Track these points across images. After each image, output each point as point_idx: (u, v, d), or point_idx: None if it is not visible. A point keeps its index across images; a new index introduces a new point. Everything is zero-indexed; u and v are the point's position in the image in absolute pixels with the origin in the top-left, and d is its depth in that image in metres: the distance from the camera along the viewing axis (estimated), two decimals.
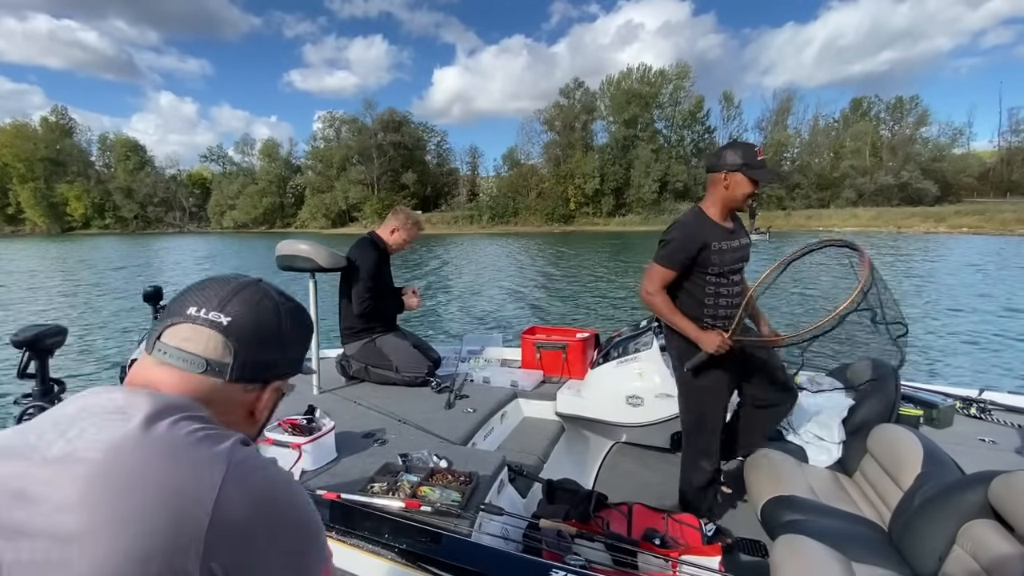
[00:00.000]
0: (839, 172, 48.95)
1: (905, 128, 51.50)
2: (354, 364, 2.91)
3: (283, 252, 2.71)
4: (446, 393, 2.69)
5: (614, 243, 28.99)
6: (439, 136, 65.64)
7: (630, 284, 13.52)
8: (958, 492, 1.37)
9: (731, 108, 55.36)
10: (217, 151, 71.35)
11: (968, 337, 7.60)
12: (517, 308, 10.48)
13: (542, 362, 3.18)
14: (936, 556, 1.33)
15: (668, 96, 50.48)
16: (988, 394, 2.76)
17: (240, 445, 0.59)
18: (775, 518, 1.70)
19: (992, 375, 5.90)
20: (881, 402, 2.16)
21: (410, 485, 1.49)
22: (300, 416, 1.92)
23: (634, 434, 2.90)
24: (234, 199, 63.42)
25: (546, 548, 1.33)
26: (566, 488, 1.83)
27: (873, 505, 1.75)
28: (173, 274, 17.53)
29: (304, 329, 0.73)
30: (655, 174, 46.33)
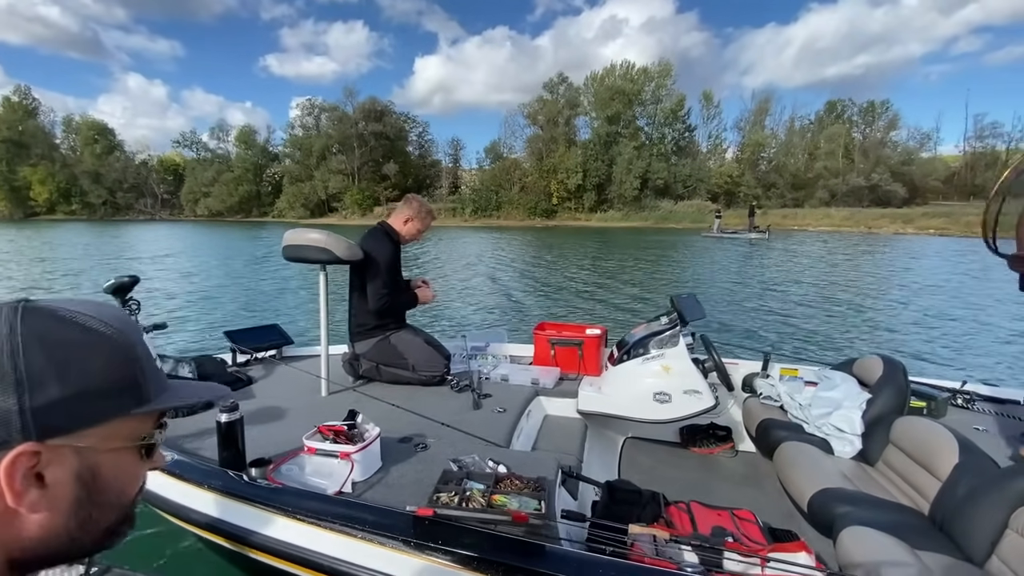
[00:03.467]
0: (813, 173, 50.24)
1: (876, 131, 53.06)
2: (364, 363, 2.80)
3: (292, 242, 2.54)
4: (467, 392, 2.64)
5: (597, 238, 29.25)
6: (421, 127, 64.83)
7: (620, 279, 13.73)
8: (1009, 480, 1.50)
9: (711, 107, 56.10)
10: (190, 136, 68.87)
11: (942, 331, 8.04)
12: (510, 303, 10.55)
13: (556, 359, 3.19)
14: (989, 541, 1.46)
15: (650, 94, 50.83)
16: (969, 386, 3.01)
17: None
18: (827, 510, 1.78)
19: (950, 367, 6.28)
20: (895, 395, 2.36)
21: (481, 494, 1.40)
22: (340, 422, 1.82)
23: (643, 429, 2.97)
24: (209, 186, 61.37)
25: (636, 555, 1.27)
26: (627, 489, 1.83)
27: (905, 494, 1.91)
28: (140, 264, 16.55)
29: (72, 348, 0.45)
30: (636, 171, 46.70)
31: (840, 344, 7.58)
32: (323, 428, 1.76)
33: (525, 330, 7.72)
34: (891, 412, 2.30)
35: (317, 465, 1.68)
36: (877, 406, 2.38)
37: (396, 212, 2.92)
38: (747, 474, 2.73)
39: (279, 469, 1.71)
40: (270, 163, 64.51)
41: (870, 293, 11.75)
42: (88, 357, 0.46)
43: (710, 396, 2.62)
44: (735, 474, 2.75)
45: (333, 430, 1.76)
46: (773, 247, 22.74)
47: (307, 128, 60.49)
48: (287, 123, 67.31)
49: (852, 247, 23.32)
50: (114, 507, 0.50)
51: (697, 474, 2.72)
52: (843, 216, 38.63)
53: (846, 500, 1.80)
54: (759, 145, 54.04)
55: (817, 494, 1.87)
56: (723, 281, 13.52)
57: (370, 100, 58.47)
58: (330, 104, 59.96)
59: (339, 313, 2.99)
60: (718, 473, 2.77)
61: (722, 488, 2.52)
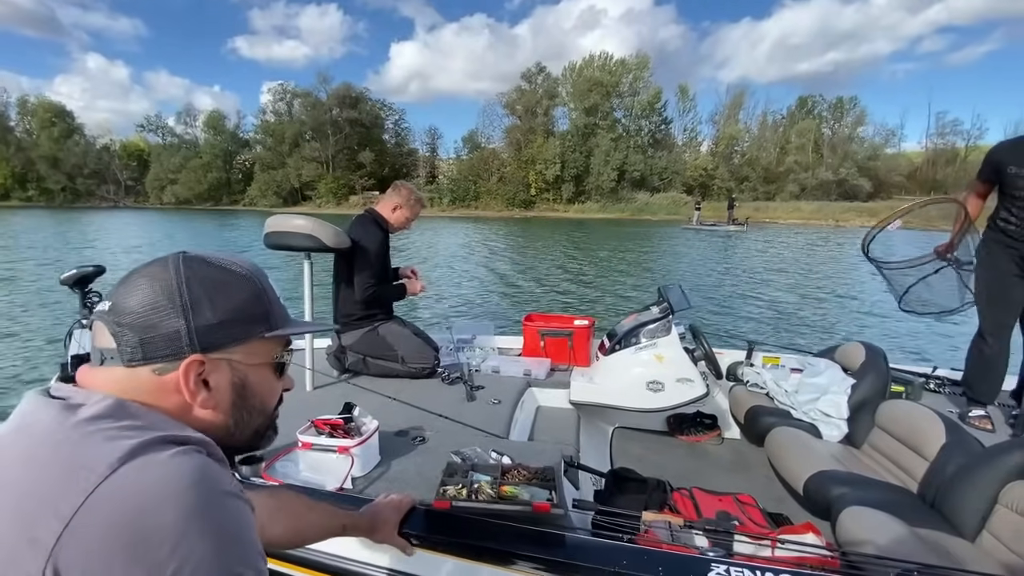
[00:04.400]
0: (784, 167, 51.45)
1: (844, 127, 54.51)
2: (351, 356, 2.74)
3: (274, 228, 2.44)
4: (458, 385, 2.61)
5: (576, 230, 29.41)
6: (397, 114, 63.75)
7: (602, 271, 13.85)
8: (998, 457, 1.59)
9: (687, 100, 56.80)
10: (155, 121, 66.28)
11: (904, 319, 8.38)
12: (493, 295, 10.55)
13: (546, 350, 3.19)
14: (980, 516, 1.54)
15: (628, 86, 51.12)
16: (939, 371, 3.15)
17: (154, 445, 0.51)
18: (823, 492, 1.83)
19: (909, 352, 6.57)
20: (878, 380, 2.46)
21: (489, 485, 1.37)
22: (337, 415, 1.76)
23: (631, 418, 3.00)
24: (176, 173, 59.22)
25: (653, 541, 1.28)
26: (632, 477, 1.86)
27: (893, 474, 2.00)
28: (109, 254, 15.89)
29: (220, 285, 0.62)
30: (614, 163, 47.04)
31: (817, 332, 7.84)
32: (318, 422, 1.70)
33: (508, 321, 7.74)
34: (874, 396, 2.40)
35: (314, 461, 1.63)
36: (861, 391, 2.46)
37: (384, 199, 2.86)
38: (735, 460, 2.80)
39: (273, 466, 1.65)
40: (240, 149, 62.71)
41: (841, 284, 12.15)
42: (232, 292, 0.62)
43: (702, 384, 2.67)
44: (723, 461, 2.82)
45: (329, 424, 1.70)
46: (751, 239, 23.29)
47: (279, 114, 58.97)
48: (258, 108, 65.20)
49: (823, 240, 24.05)
50: (260, 412, 0.68)
51: (687, 462, 2.78)
52: (812, 209, 39.84)
53: (841, 482, 1.87)
54: (733, 139, 55.05)
55: (812, 477, 1.93)
56: (704, 272, 13.79)
57: (344, 86, 57.25)
58: (303, 89, 58.62)
59: (322, 303, 2.89)
60: (707, 460, 2.84)
61: (714, 474, 2.58)
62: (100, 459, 0.49)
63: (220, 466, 0.56)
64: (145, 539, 0.45)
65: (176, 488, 0.48)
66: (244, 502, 0.55)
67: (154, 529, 0.46)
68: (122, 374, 0.59)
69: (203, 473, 0.52)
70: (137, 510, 0.46)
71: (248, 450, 0.71)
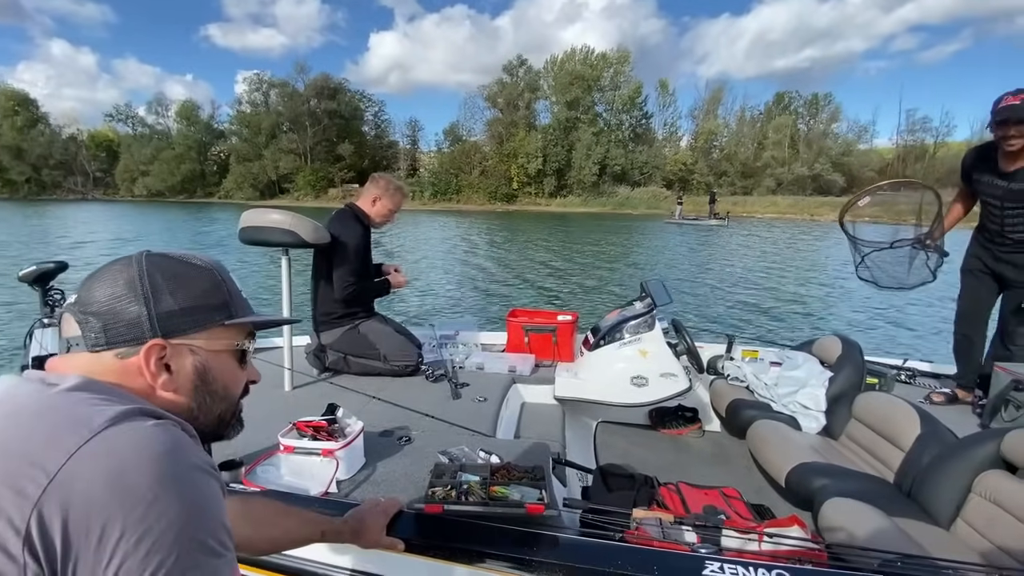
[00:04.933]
0: (761, 162, 52.37)
1: (819, 123, 55.70)
2: (331, 354, 2.69)
3: (251, 223, 2.36)
4: (442, 382, 2.58)
5: (558, 224, 29.49)
6: (377, 106, 62.80)
7: (585, 265, 13.91)
8: (971, 448, 1.64)
9: (667, 95, 57.30)
10: (125, 110, 64.11)
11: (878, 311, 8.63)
12: (475, 291, 10.51)
13: (531, 346, 3.18)
14: (954, 505, 1.59)
15: (609, 80, 51.24)
16: (910, 363, 3.25)
17: (135, 415, 0.56)
18: (805, 484, 1.87)
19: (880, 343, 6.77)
20: (854, 373, 2.52)
21: (479, 486, 1.34)
22: (319, 417, 1.71)
23: (614, 413, 2.99)
24: (147, 164, 57.44)
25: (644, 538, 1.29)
26: (620, 474, 1.87)
27: (870, 464, 2.05)
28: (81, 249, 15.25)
29: (180, 275, 0.66)
30: (595, 157, 47.21)
31: (795, 325, 8.01)
32: (300, 424, 1.65)
33: (492, 316, 7.73)
34: (851, 389, 2.46)
35: (296, 465, 1.58)
36: (838, 383, 2.53)
37: (363, 193, 2.79)
38: (716, 453, 2.84)
39: (254, 471, 1.60)
40: (215, 140, 61.17)
41: (816, 277, 12.42)
42: (192, 282, 0.67)
43: (685, 378, 2.70)
44: (705, 453, 2.86)
45: (311, 426, 1.65)
46: (732, 234, 23.68)
47: (255, 104, 57.54)
48: (233, 99, 63.73)
49: (801, 233, 24.56)
50: (222, 398, 0.71)
51: (670, 455, 2.81)
52: (788, 204, 40.67)
53: (822, 473, 1.91)
54: (712, 134, 55.71)
55: (794, 469, 1.97)
56: (686, 267, 13.97)
57: (322, 76, 56.14)
58: (279, 80, 57.26)
59: (301, 300, 2.82)
60: (689, 453, 2.87)
61: (697, 467, 2.61)
62: (84, 422, 0.53)
63: (194, 442, 0.60)
64: (122, 497, 0.49)
65: (154, 454, 0.52)
66: (215, 479, 0.58)
67: (132, 488, 0.49)
68: (88, 358, 0.63)
69: (178, 444, 0.55)
70: (117, 470, 0.50)
71: (213, 437, 0.74)
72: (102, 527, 0.48)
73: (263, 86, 57.41)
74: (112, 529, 0.48)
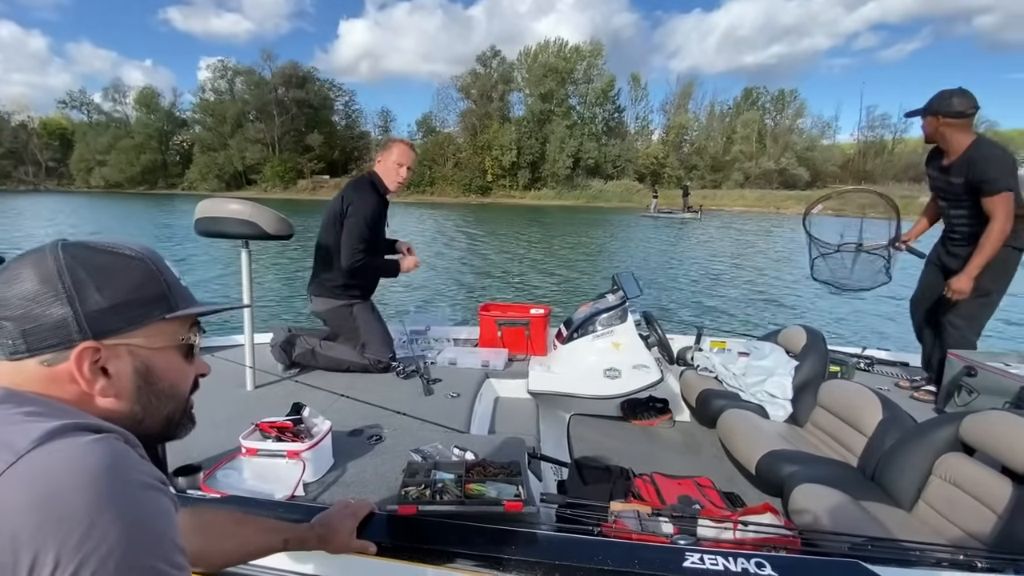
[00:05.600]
0: (730, 156, 53.52)
1: (785, 119, 57.24)
2: (299, 347, 2.61)
3: (207, 213, 2.25)
4: (414, 378, 2.54)
5: (534, 217, 29.53)
6: (348, 95, 61.52)
7: (561, 258, 13.96)
8: (931, 431, 1.70)
9: (639, 89, 57.87)
10: (79, 96, 61.08)
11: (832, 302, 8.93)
12: (447, 284, 10.43)
13: (503, 340, 3.16)
14: (916, 487, 1.65)
15: (582, 73, 51.40)
16: (868, 351, 3.37)
17: (69, 431, 0.50)
18: (775, 471, 1.91)
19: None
20: (818, 361, 2.59)
21: (454, 484, 1.31)
22: (284, 417, 1.63)
23: (587, 405, 3.00)
24: (104, 154, 54.92)
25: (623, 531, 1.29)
26: (595, 466, 1.86)
27: (835, 450, 2.11)
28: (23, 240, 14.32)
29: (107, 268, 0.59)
30: (569, 150, 47.37)
31: (761, 315, 8.21)
32: (263, 425, 1.58)
33: (463, 310, 7.68)
34: (816, 377, 2.53)
35: (260, 468, 1.51)
36: (803, 372, 2.60)
37: (380, 159, 2.67)
38: (687, 442, 2.89)
39: (214, 476, 1.52)
40: (177, 129, 59.12)
41: (781, 268, 12.77)
42: (122, 275, 0.60)
43: (657, 370, 2.73)
44: (677, 443, 2.90)
45: (276, 427, 1.58)
46: (703, 226, 24.18)
47: (219, 92, 55.74)
48: (196, 86, 61.50)
49: (769, 226, 25.20)
50: (170, 398, 0.65)
51: (643, 446, 2.84)
52: (755, 197, 41.72)
53: (790, 460, 1.96)
54: (683, 128, 56.56)
55: (764, 457, 2.02)
56: (658, 259, 14.17)
57: (290, 64, 54.74)
58: (245, 67, 55.61)
59: (261, 293, 2.70)
60: (661, 443, 2.91)
61: (669, 457, 2.65)
62: (7, 444, 0.47)
63: (138, 456, 0.54)
64: (56, 524, 0.44)
65: (90, 473, 0.47)
66: (163, 494, 0.53)
67: (66, 514, 0.45)
68: (8, 368, 0.56)
69: (118, 460, 0.50)
70: (48, 494, 0.45)
71: (162, 439, 0.69)
72: (32, 559, 0.43)
73: (228, 73, 55.69)
74: (44, 560, 0.43)
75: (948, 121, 2.54)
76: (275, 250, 12.14)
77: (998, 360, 2.46)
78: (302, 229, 2.72)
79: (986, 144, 2.55)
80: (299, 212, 27.83)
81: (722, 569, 1.08)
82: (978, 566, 1.17)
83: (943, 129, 2.58)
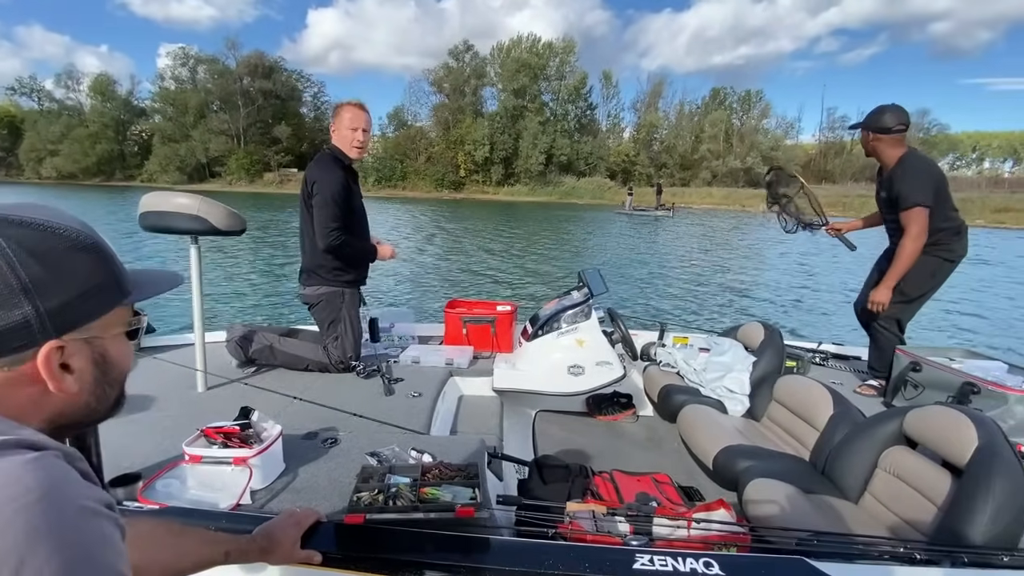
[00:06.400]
0: (698, 155, 54.63)
1: (751, 119, 58.82)
2: (256, 343, 2.52)
3: (153, 208, 2.16)
4: (375, 378, 2.48)
5: (508, 213, 29.50)
6: (316, 87, 60.23)
7: (534, 254, 13.97)
8: (877, 426, 1.75)
9: (610, 87, 58.44)
10: (29, 83, 58.05)
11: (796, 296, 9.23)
12: (414, 281, 10.30)
13: (469, 337, 3.14)
14: (862, 480, 1.70)
15: (555, 69, 51.50)
16: (823, 346, 3.48)
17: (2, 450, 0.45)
18: (731, 466, 1.94)
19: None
20: (775, 357, 2.66)
21: (408, 488, 1.27)
22: (231, 422, 1.56)
23: (553, 402, 3.00)
24: (56, 144, 52.37)
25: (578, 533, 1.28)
26: (555, 465, 1.85)
27: (789, 444, 2.16)
28: None
29: (65, 255, 0.53)
30: (542, 146, 47.46)
31: (725, 312, 8.40)
32: (208, 431, 1.51)
33: (430, 307, 7.61)
34: (773, 372, 2.60)
35: (204, 476, 1.43)
36: (761, 367, 2.66)
37: (332, 128, 2.58)
38: (649, 437, 2.93)
39: (152, 486, 1.44)
40: (136, 119, 56.76)
41: (743, 266, 13.11)
42: (75, 261, 0.54)
43: (620, 366, 2.75)
44: (640, 438, 2.94)
45: (222, 432, 1.51)
46: (675, 224, 24.69)
47: (181, 81, 53.71)
48: (156, 74, 58.95)
49: (735, 224, 25.84)
50: (118, 382, 0.63)
51: (606, 441, 2.86)
52: (722, 195, 42.72)
53: (746, 455, 2.00)
54: (653, 126, 57.40)
55: (720, 452, 2.05)
56: (629, 255, 14.36)
57: (256, 54, 53.17)
58: (208, 55, 53.70)
59: (213, 290, 2.60)
60: (624, 438, 2.94)
61: (631, 452, 2.67)
62: None
63: (80, 477, 0.49)
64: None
65: (22, 501, 0.41)
66: (106, 520, 0.47)
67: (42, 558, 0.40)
68: None
69: (57, 484, 0.45)
70: None
71: (102, 420, 0.65)
72: None
73: (190, 61, 53.70)
74: None
75: (879, 136, 2.63)
76: (237, 247, 11.78)
77: (944, 355, 2.57)
78: (270, 223, 2.62)
79: (912, 159, 2.62)
80: (266, 206, 27.11)
81: (671, 570, 1.09)
82: (917, 558, 1.21)
83: (875, 143, 2.67)
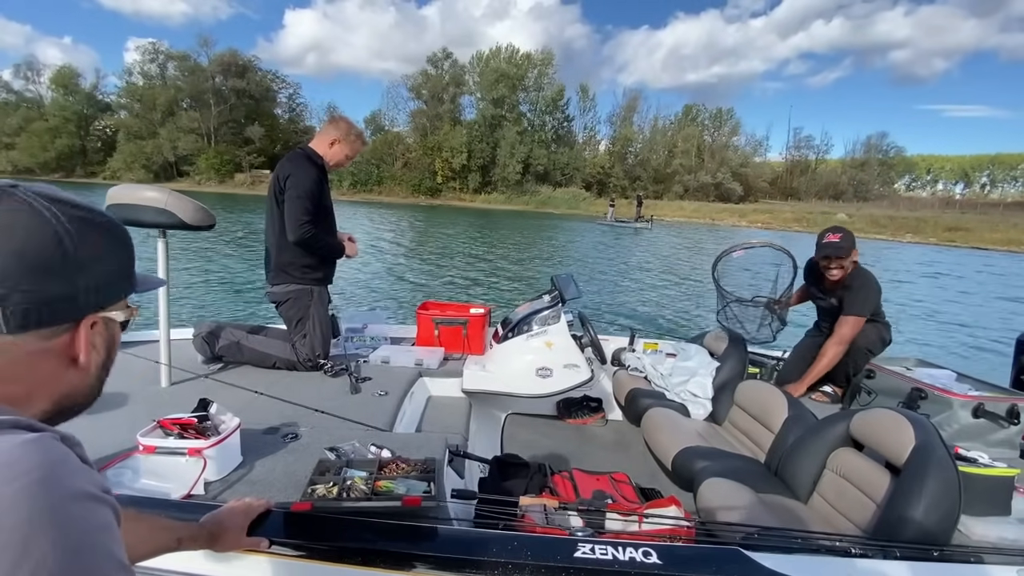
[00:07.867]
0: (671, 168, 56.02)
1: (722, 136, 60.77)
2: (223, 339, 2.50)
3: (119, 200, 2.12)
4: (342, 377, 2.47)
5: (484, 220, 29.57)
6: (292, 88, 59.31)
7: (507, 259, 14.01)
8: (826, 428, 1.82)
9: (587, 100, 59.42)
10: None
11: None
12: (389, 283, 10.24)
13: (440, 339, 3.14)
14: (811, 480, 1.77)
15: (533, 80, 52.11)
16: (788, 354, 3.61)
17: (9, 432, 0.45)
18: (688, 467, 2.01)
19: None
20: (738, 363, 2.75)
21: (364, 482, 1.30)
22: (188, 414, 1.57)
23: (523, 404, 3.05)
24: (13, 136, 50.14)
25: (528, 525, 1.31)
26: (514, 463, 1.88)
27: (747, 447, 2.24)
28: None
29: (108, 237, 0.57)
30: (519, 155, 47.83)
31: (700, 319, 8.59)
32: (165, 422, 1.51)
33: (406, 310, 7.56)
34: (735, 378, 2.68)
35: (157, 466, 1.43)
36: (724, 373, 2.75)
37: (320, 134, 2.62)
38: (617, 440, 2.97)
39: (104, 475, 1.44)
40: (100, 114, 54.81)
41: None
42: (113, 245, 0.58)
43: (587, 369, 2.79)
44: (607, 441, 2.98)
45: (179, 424, 1.51)
46: (652, 235, 25.27)
47: (149, 77, 52.18)
48: (123, 68, 56.85)
49: (708, 237, 26.52)
50: (108, 370, 0.63)
51: (574, 444, 2.89)
52: (693, 208, 43.92)
53: (702, 456, 2.06)
54: (628, 140, 58.59)
55: (679, 453, 2.11)
56: (607, 264, 14.58)
57: (230, 52, 52.06)
58: (179, 52, 52.34)
59: (185, 290, 2.56)
60: (592, 441, 2.98)
61: (597, 454, 2.71)
62: None
63: (78, 460, 0.48)
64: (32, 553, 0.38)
65: (22, 483, 0.41)
66: (104, 504, 0.47)
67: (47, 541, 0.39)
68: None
69: (57, 467, 0.44)
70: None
71: (89, 405, 0.65)
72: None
73: (159, 57, 52.28)
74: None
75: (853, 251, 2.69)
76: (205, 245, 11.48)
77: (899, 364, 2.71)
78: (238, 224, 2.58)
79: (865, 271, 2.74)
80: (236, 208, 26.50)
81: (611, 558, 1.11)
82: (852, 552, 1.26)
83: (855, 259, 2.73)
